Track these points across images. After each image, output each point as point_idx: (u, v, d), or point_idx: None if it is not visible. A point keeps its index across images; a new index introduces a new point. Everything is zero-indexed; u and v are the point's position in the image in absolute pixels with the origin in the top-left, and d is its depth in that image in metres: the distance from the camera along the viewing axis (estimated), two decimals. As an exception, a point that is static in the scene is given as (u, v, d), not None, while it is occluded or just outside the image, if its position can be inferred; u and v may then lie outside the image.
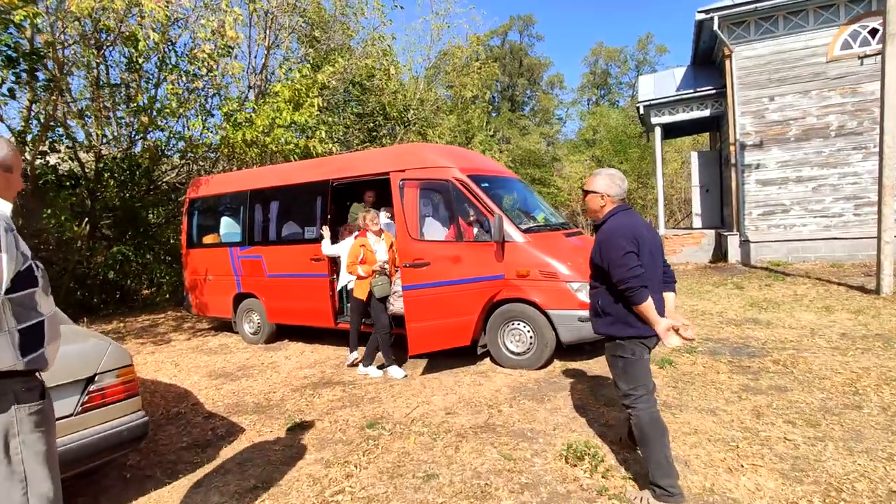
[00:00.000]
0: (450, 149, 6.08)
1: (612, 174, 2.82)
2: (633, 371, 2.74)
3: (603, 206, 2.81)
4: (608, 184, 2.79)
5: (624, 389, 2.76)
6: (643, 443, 2.67)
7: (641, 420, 2.67)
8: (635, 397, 2.72)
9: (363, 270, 5.05)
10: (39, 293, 1.74)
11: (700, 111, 13.67)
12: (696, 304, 7.89)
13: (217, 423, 4.28)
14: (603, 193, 2.78)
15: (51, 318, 1.80)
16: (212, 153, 10.12)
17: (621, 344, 2.73)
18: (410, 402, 4.47)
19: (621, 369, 2.78)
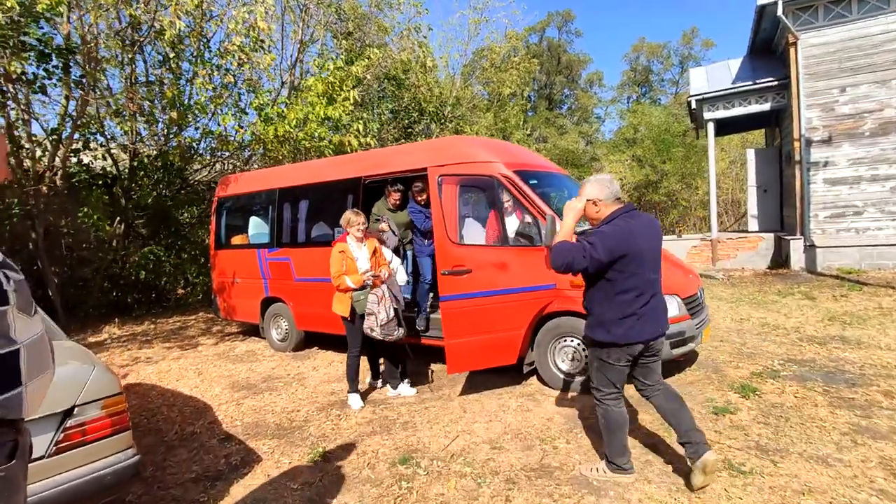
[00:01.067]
0: (493, 142, 5.50)
1: (599, 178, 2.88)
2: (607, 374, 2.89)
3: (598, 212, 2.83)
4: (597, 189, 2.81)
5: (595, 385, 2.97)
6: (607, 430, 2.94)
7: (608, 414, 2.92)
8: (605, 394, 2.93)
9: (352, 280, 4.27)
10: (12, 313, 1.26)
11: (759, 105, 12.59)
12: (764, 317, 7.04)
13: (233, 448, 3.82)
14: (594, 199, 2.81)
15: (32, 345, 1.31)
16: (244, 150, 9.83)
17: (600, 350, 2.85)
18: (449, 429, 3.90)
19: (596, 369, 2.94)
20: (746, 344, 5.74)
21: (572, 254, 2.64)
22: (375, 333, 4.25)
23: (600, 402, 2.94)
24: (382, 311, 4.19)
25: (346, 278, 4.28)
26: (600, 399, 2.94)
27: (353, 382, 4.57)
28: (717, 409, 3.88)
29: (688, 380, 4.65)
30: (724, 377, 4.63)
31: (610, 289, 2.73)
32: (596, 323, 2.81)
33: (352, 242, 4.41)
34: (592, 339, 2.85)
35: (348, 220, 4.40)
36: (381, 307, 4.19)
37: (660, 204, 26.75)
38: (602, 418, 2.95)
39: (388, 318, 4.20)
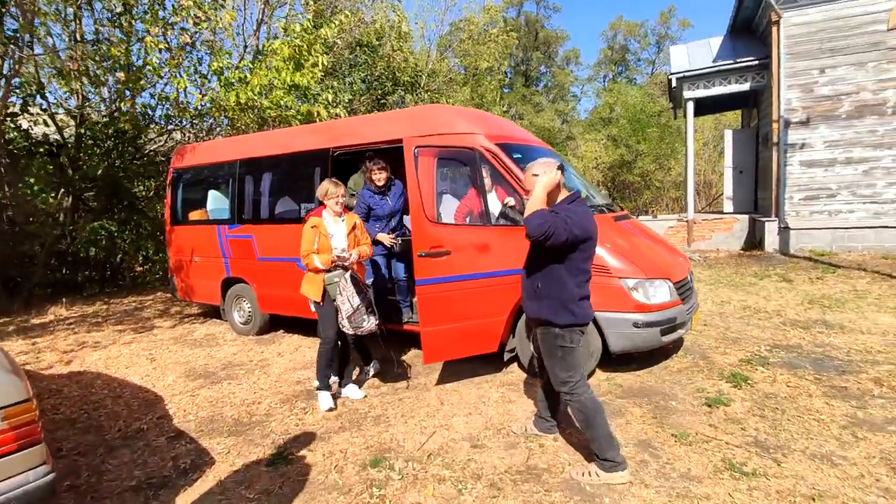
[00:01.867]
0: (475, 112, 5.08)
1: (547, 161, 2.83)
2: (571, 359, 2.79)
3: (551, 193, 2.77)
4: (544, 169, 2.75)
5: (562, 377, 2.82)
6: (588, 425, 2.77)
7: (585, 404, 2.77)
8: (573, 383, 2.80)
9: (321, 261, 3.76)
10: None
11: (739, 84, 12.45)
12: (745, 300, 6.93)
13: (183, 448, 3.41)
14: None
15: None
16: (204, 119, 9.11)
17: (560, 333, 2.75)
18: (425, 424, 3.58)
19: (560, 358, 2.80)
20: (731, 328, 5.58)
21: (554, 223, 2.54)
22: (345, 328, 3.80)
23: (572, 393, 2.80)
24: (346, 302, 3.73)
25: (315, 257, 3.76)
26: (571, 390, 2.80)
27: (323, 378, 3.99)
28: (709, 400, 3.67)
29: (675, 367, 4.44)
30: (713, 365, 4.44)
31: (571, 270, 2.72)
32: (559, 305, 2.72)
33: (328, 217, 3.91)
34: (555, 322, 2.73)
35: (326, 190, 3.86)
36: (345, 297, 3.73)
37: (633, 184, 26.84)
38: (580, 412, 2.79)
39: (352, 308, 3.73)
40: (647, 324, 3.93)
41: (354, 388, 4.19)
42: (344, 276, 3.76)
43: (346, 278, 3.75)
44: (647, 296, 3.96)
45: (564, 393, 2.84)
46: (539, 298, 2.77)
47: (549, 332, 2.80)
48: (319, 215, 3.93)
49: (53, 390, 4.68)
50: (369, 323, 3.81)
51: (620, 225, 4.58)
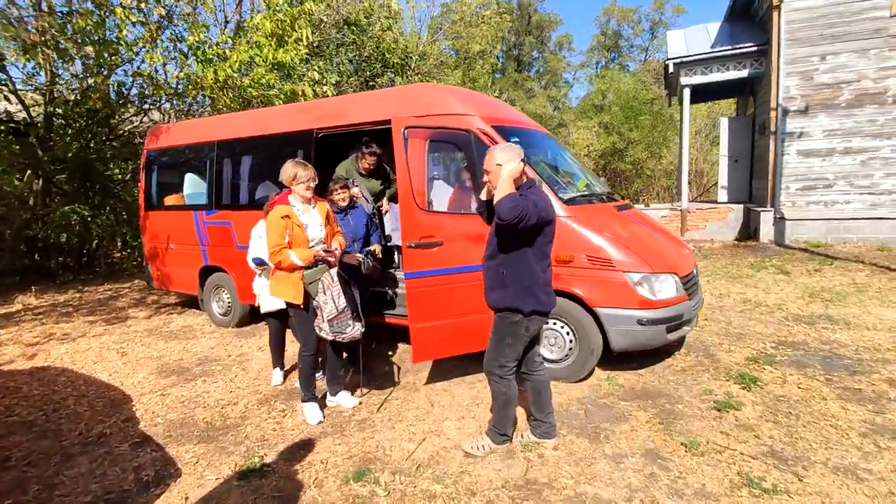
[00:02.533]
0: (469, 92, 4.75)
1: (509, 146, 2.80)
2: (518, 346, 2.84)
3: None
4: (509, 156, 2.72)
5: (502, 362, 2.86)
6: (503, 406, 2.94)
7: (510, 391, 2.92)
8: (509, 369, 2.88)
9: (299, 257, 3.25)
10: None
11: (737, 71, 12.17)
12: (743, 293, 6.73)
13: (147, 456, 3.10)
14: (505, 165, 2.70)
15: None
16: (182, 98, 8.62)
17: (520, 322, 2.76)
18: (414, 430, 3.30)
19: (509, 345, 2.82)
20: (732, 323, 5.37)
21: (526, 206, 2.53)
22: (323, 332, 3.31)
23: (503, 377, 2.88)
24: (330, 303, 3.25)
25: (291, 253, 3.22)
26: (503, 375, 2.87)
27: (307, 388, 3.54)
28: (718, 403, 3.43)
29: (679, 366, 4.21)
30: (718, 363, 4.21)
31: (537, 254, 2.72)
32: (524, 291, 2.71)
33: (297, 204, 3.36)
34: (518, 309, 2.72)
35: (293, 175, 3.27)
36: (329, 297, 3.26)
37: (624, 172, 26.67)
38: (503, 395, 2.90)
39: (337, 310, 3.28)
40: (652, 321, 3.68)
41: (347, 395, 3.77)
42: (330, 273, 3.32)
43: (332, 275, 3.31)
44: (653, 291, 3.70)
45: (496, 375, 2.89)
46: (504, 286, 2.75)
47: (509, 317, 2.78)
48: (286, 202, 3.38)
49: (11, 389, 4.33)
50: (353, 329, 3.36)
51: (623, 215, 4.30)
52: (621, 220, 4.15)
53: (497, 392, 2.92)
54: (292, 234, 3.27)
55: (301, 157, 4.91)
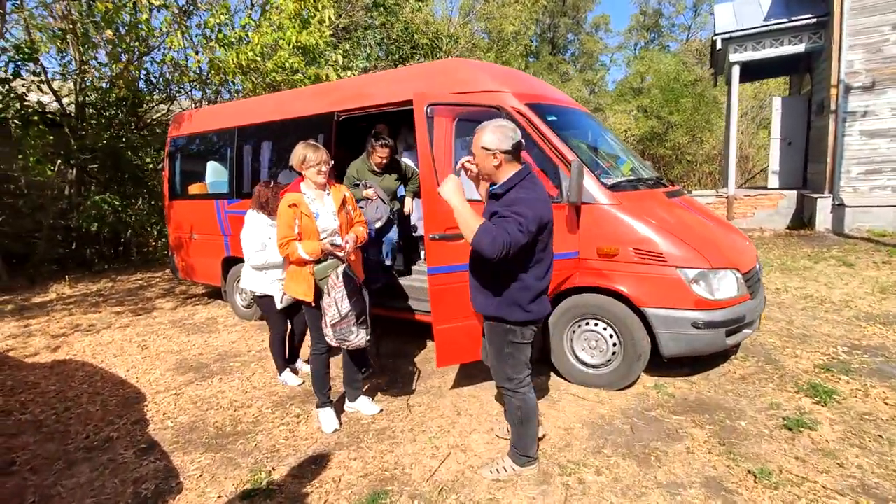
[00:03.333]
0: (501, 68, 4.32)
1: (502, 125, 2.39)
2: (521, 355, 2.55)
3: (498, 167, 2.37)
4: (499, 137, 2.34)
5: (509, 374, 2.56)
6: (523, 423, 2.59)
7: (527, 404, 2.58)
8: (519, 381, 2.57)
9: (307, 250, 2.94)
10: None
11: (793, 46, 11.22)
12: (803, 287, 6.11)
13: (151, 466, 2.88)
14: (495, 150, 2.33)
15: None
16: (206, 84, 8.47)
17: (513, 329, 2.47)
18: (438, 443, 2.97)
19: (509, 354, 2.53)
20: (794, 323, 4.81)
21: (507, 233, 2.17)
22: (328, 337, 3.00)
23: (515, 391, 2.56)
24: (333, 306, 2.92)
25: (298, 246, 2.93)
26: (515, 388, 2.55)
27: (321, 392, 3.25)
28: (789, 421, 2.97)
29: (737, 374, 3.73)
30: (784, 371, 3.71)
31: (525, 261, 2.37)
32: (512, 302, 2.41)
33: (308, 191, 3.07)
34: (507, 320, 2.43)
35: (303, 157, 2.97)
36: (333, 299, 2.91)
37: (664, 158, 25.59)
38: (519, 410, 2.57)
39: (339, 315, 2.92)
40: (709, 324, 3.22)
41: (366, 400, 3.47)
42: (335, 271, 2.98)
43: (337, 274, 2.97)
44: (711, 290, 3.24)
45: (509, 390, 2.57)
46: (491, 294, 2.44)
47: (499, 327, 2.49)
48: (297, 190, 3.09)
49: (30, 384, 4.22)
50: (357, 338, 3.01)
51: (675, 202, 3.83)
52: (673, 209, 3.68)
53: (511, 408, 2.60)
54: (301, 224, 2.96)
55: (321, 142, 4.63)
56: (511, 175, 2.35)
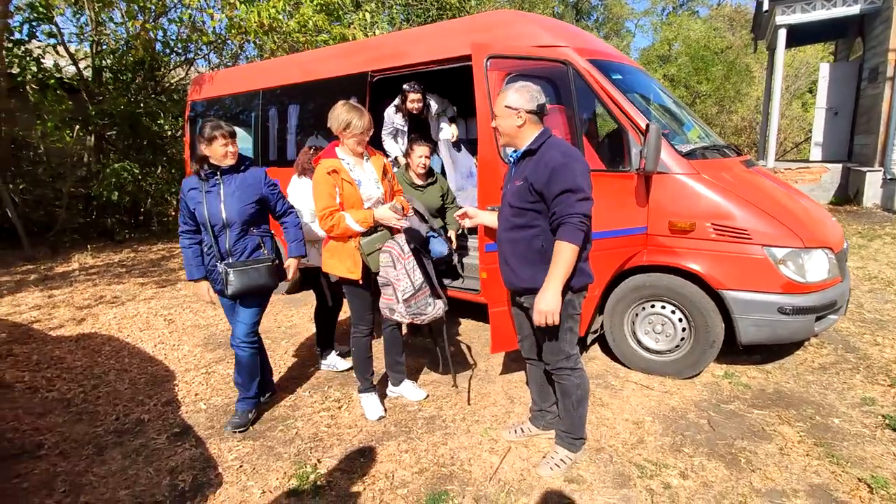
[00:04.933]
0: (556, 21, 3.90)
1: (527, 85, 2.25)
2: (577, 328, 2.35)
3: (521, 127, 2.22)
4: (525, 98, 2.20)
5: (569, 351, 2.33)
6: (581, 402, 2.39)
7: (584, 380, 2.39)
8: (577, 357, 2.37)
9: (357, 220, 2.63)
10: None
11: (847, 7, 10.43)
12: (863, 267, 5.70)
13: (186, 454, 2.66)
14: (520, 109, 2.19)
15: None
16: (227, 44, 8.09)
17: (571, 300, 2.24)
18: (495, 434, 2.71)
19: (569, 329, 2.30)
20: (865, 307, 4.44)
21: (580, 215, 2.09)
22: (398, 314, 2.72)
23: (574, 368, 2.35)
24: (404, 279, 2.64)
25: (346, 215, 2.62)
26: (574, 365, 2.35)
27: (364, 377, 3.01)
28: (891, 420, 2.64)
29: (816, 363, 3.40)
30: (869, 360, 3.37)
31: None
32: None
33: (347, 157, 2.73)
34: (567, 285, 2.17)
35: (346, 122, 2.60)
36: (403, 272, 2.64)
37: (692, 129, 24.61)
38: (578, 388, 2.36)
39: (414, 288, 2.66)
40: (798, 309, 2.88)
41: (411, 385, 3.21)
42: (396, 242, 2.69)
43: (400, 244, 2.69)
44: (802, 271, 2.89)
45: (567, 369, 2.34)
46: (544, 262, 2.18)
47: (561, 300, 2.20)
48: (333, 155, 2.74)
49: (55, 358, 4.04)
50: (435, 308, 2.74)
51: (754, 172, 3.43)
52: (754, 180, 3.30)
53: (570, 388, 2.37)
54: (343, 192, 2.64)
55: (355, 105, 4.29)
56: (537, 135, 2.24)
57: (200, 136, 2.67)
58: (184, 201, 2.73)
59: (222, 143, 2.65)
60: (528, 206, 2.20)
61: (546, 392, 2.64)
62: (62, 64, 8.27)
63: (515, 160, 2.32)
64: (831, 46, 17.23)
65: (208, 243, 2.74)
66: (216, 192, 2.69)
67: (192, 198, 2.71)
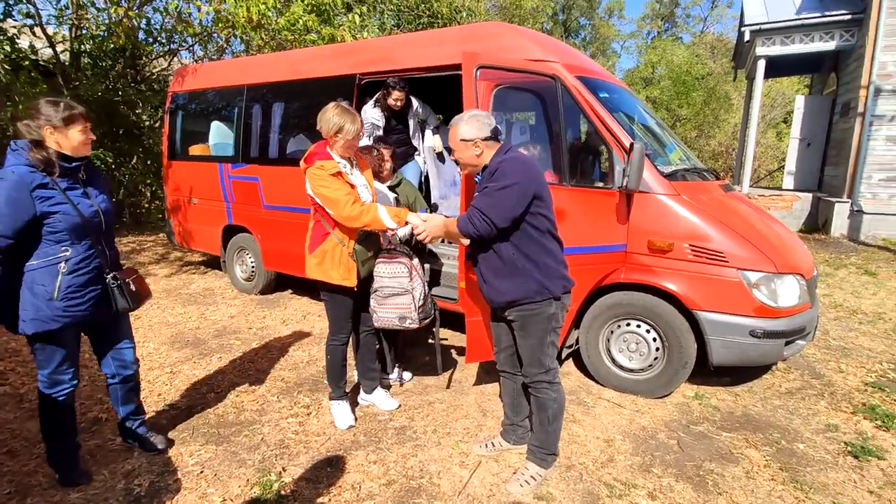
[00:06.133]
0: (546, 36, 3.93)
1: (474, 115, 2.27)
2: (557, 340, 2.35)
3: (480, 154, 2.27)
4: (475, 127, 2.23)
5: (548, 364, 2.32)
6: (556, 417, 2.37)
7: (561, 397, 2.38)
8: (556, 371, 2.35)
9: (392, 216, 2.53)
10: None
11: (823, 42, 10.83)
12: (830, 295, 5.87)
13: (144, 458, 2.55)
14: (475, 139, 2.23)
15: None
16: (213, 38, 7.95)
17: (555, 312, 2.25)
18: (466, 447, 2.68)
19: (551, 343, 2.30)
20: (831, 334, 4.55)
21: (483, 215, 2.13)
22: (410, 321, 2.73)
23: (552, 382, 2.33)
24: (419, 286, 2.75)
25: (380, 207, 2.54)
26: (552, 379, 2.33)
27: (337, 384, 2.91)
28: (853, 447, 2.70)
29: (783, 387, 3.46)
30: (833, 387, 3.45)
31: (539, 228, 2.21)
32: (547, 272, 2.21)
33: (340, 159, 2.62)
34: (551, 292, 2.21)
35: (338, 126, 2.51)
36: (417, 279, 2.75)
37: (671, 152, 25.18)
38: (555, 403, 2.34)
39: (425, 293, 2.81)
40: (768, 333, 2.93)
41: (384, 394, 3.15)
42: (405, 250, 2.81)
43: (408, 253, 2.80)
44: (774, 296, 2.94)
45: (545, 383, 2.31)
46: (524, 272, 2.19)
47: (541, 310, 2.23)
48: (327, 156, 2.60)
49: (11, 350, 3.86)
50: (434, 309, 2.97)
51: (731, 197, 3.50)
52: (732, 204, 3.36)
53: (547, 402, 2.34)
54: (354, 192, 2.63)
55: (341, 107, 4.24)
56: (494, 154, 2.26)
57: (42, 119, 2.04)
58: (13, 206, 1.96)
59: (81, 127, 2.12)
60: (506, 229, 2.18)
61: (519, 406, 2.63)
62: (38, 46, 8.01)
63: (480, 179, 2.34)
64: (807, 80, 17.85)
65: (80, 255, 2.15)
66: (80, 188, 2.17)
67: (43, 198, 2.03)
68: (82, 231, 2.14)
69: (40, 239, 2.08)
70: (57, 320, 2.10)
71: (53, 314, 2.09)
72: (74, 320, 2.17)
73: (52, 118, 2.04)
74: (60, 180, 2.10)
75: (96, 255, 2.21)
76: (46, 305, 2.08)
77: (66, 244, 2.12)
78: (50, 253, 2.09)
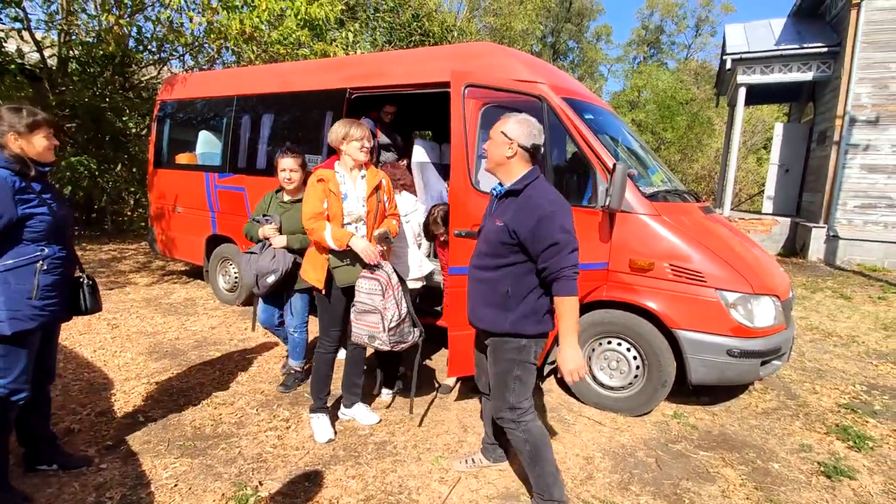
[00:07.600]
0: (533, 57, 4.03)
1: (530, 121, 2.16)
2: (529, 379, 2.25)
3: (510, 158, 2.14)
4: (523, 131, 2.12)
5: (512, 402, 2.23)
6: (535, 458, 2.23)
7: (533, 434, 2.23)
8: (523, 410, 2.24)
9: (333, 238, 2.60)
10: None
11: (801, 73, 11.20)
12: (806, 318, 5.99)
13: (115, 471, 2.49)
14: (514, 141, 2.11)
15: None
16: (203, 48, 7.97)
17: (527, 346, 2.18)
18: (446, 465, 2.67)
19: (517, 378, 2.21)
20: (806, 356, 4.65)
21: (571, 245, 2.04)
22: (379, 342, 2.65)
23: (517, 421, 2.22)
24: (392, 308, 2.59)
25: (327, 227, 2.61)
26: (517, 418, 2.22)
27: (319, 396, 2.91)
28: (826, 468, 2.74)
29: (759, 407, 3.51)
30: (808, 408, 3.51)
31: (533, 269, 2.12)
32: (531, 312, 2.14)
33: (341, 170, 2.75)
34: (525, 334, 2.15)
35: (343, 133, 2.66)
36: (391, 300, 2.62)
37: (655, 175, 25.70)
38: (526, 443, 2.22)
39: (400, 316, 2.63)
40: (745, 353, 2.99)
41: (364, 409, 3.12)
42: (385, 270, 2.67)
43: (388, 273, 2.67)
44: (750, 316, 3.00)
45: (510, 421, 2.23)
46: (507, 306, 2.14)
47: (512, 343, 2.16)
48: (330, 167, 2.78)
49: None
50: (413, 336, 2.77)
51: (711, 219, 3.59)
52: (711, 226, 3.44)
53: (517, 443, 2.24)
54: (329, 202, 2.66)
55: (329, 120, 4.29)
56: (524, 174, 2.15)
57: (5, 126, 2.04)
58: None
59: (45, 133, 2.13)
60: (502, 249, 2.12)
61: (499, 428, 2.57)
62: (26, 50, 7.96)
63: (498, 195, 2.23)
64: (786, 108, 18.44)
65: (55, 255, 2.16)
66: (50, 192, 2.19)
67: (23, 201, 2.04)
68: (59, 232, 2.18)
69: (14, 241, 2.07)
70: (35, 319, 2.09)
71: (32, 313, 2.09)
72: (50, 319, 2.18)
73: (16, 125, 2.06)
74: (34, 184, 2.12)
75: (68, 256, 2.25)
76: (25, 304, 2.06)
77: (43, 244, 2.13)
78: (26, 252, 2.09)
